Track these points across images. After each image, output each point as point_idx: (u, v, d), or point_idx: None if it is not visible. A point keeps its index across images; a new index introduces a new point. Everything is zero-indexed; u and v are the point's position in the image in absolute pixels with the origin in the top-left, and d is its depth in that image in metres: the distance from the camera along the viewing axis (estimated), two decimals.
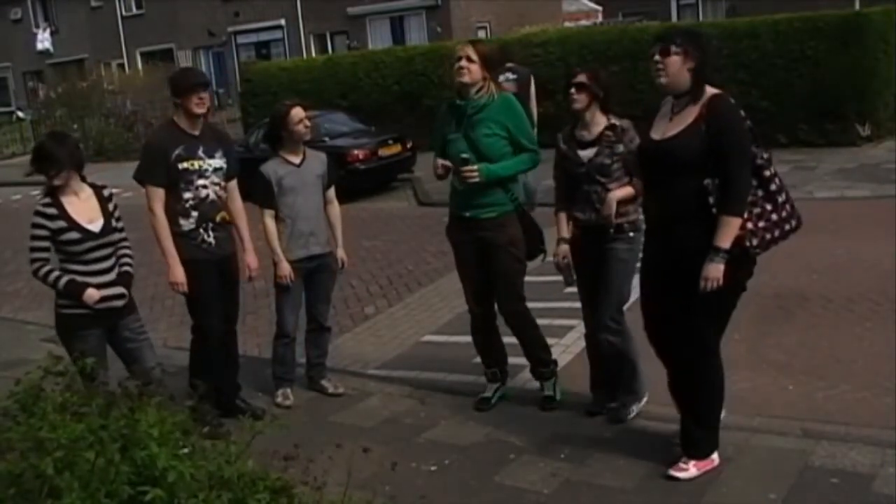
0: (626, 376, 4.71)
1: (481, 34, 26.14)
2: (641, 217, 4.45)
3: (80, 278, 4.38)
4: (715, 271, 3.73)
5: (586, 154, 4.51)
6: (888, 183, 10.42)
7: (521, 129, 4.80)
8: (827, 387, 5.11)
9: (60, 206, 4.37)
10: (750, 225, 3.77)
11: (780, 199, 3.85)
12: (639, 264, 4.63)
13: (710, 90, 3.84)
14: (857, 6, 18.97)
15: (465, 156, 4.70)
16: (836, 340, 5.86)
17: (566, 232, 4.67)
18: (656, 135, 3.95)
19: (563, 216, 4.67)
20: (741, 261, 3.81)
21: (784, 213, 3.85)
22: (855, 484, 3.88)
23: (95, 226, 4.41)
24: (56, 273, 4.38)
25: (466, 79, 4.69)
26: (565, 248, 4.64)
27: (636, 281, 4.75)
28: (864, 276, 7.07)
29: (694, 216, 3.79)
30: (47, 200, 4.39)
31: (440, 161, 4.82)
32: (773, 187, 3.83)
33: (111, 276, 4.48)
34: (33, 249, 4.39)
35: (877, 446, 4.18)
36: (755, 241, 3.78)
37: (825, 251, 7.79)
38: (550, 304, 5.11)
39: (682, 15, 28.15)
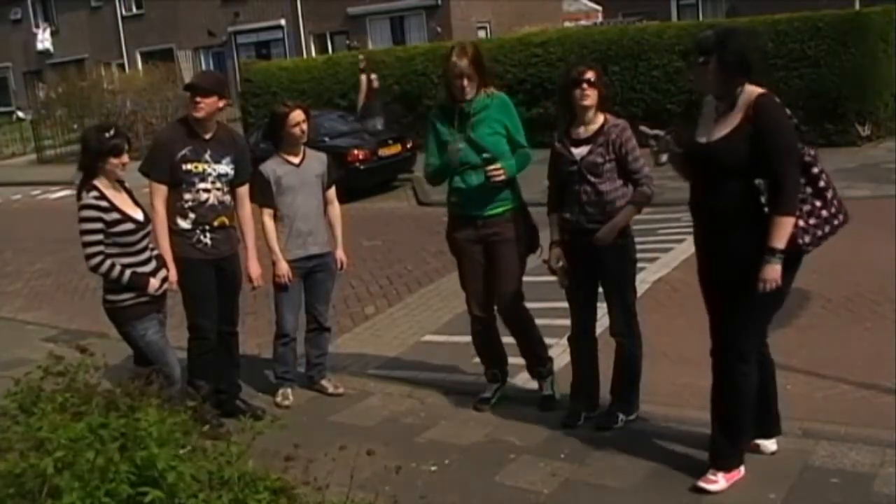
0: (626, 385, 4.69)
1: (481, 34, 26.15)
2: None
3: (137, 269, 4.47)
4: (773, 272, 3.70)
5: (579, 152, 4.49)
6: (888, 183, 10.42)
7: (518, 128, 4.87)
8: (827, 387, 5.12)
9: (108, 199, 4.41)
10: (801, 223, 3.75)
11: (829, 195, 3.83)
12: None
13: (754, 90, 3.77)
14: (857, 6, 18.96)
15: (487, 155, 4.70)
16: (836, 340, 5.86)
17: (558, 234, 4.65)
18: (703, 137, 3.89)
19: (555, 217, 4.65)
20: (791, 261, 3.77)
21: (833, 209, 3.83)
22: (855, 484, 3.88)
23: (139, 216, 4.52)
24: (118, 267, 4.41)
25: (468, 95, 4.72)
26: (558, 251, 4.62)
27: (638, 279, 4.76)
28: (864, 276, 7.07)
29: (745, 217, 3.75)
30: (96, 194, 4.39)
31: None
32: (821, 184, 3.81)
33: (155, 262, 4.61)
34: (90, 244, 4.38)
35: (877, 446, 4.18)
36: (807, 239, 3.77)
37: (825, 251, 7.70)
38: (550, 305, 5.11)
39: (682, 15, 28.14)
